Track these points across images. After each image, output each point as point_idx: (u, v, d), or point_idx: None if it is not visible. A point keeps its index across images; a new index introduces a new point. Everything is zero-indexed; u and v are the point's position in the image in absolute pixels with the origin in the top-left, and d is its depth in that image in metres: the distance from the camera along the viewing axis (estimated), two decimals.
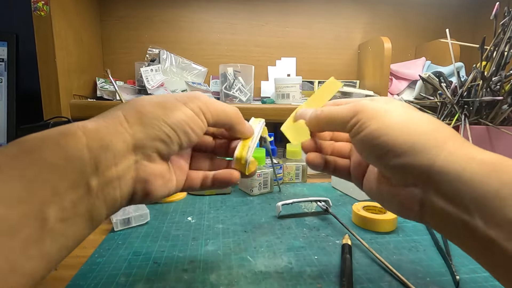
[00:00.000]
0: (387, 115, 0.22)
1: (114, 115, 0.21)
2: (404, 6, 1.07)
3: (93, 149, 0.18)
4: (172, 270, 0.33)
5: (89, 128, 0.19)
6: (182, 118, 0.22)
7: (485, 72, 0.56)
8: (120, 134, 0.20)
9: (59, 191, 0.16)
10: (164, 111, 0.22)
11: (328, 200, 0.49)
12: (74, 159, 0.17)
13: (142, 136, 0.20)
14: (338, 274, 0.32)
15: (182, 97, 0.23)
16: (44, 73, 0.70)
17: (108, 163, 0.19)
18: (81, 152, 0.18)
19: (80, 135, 0.18)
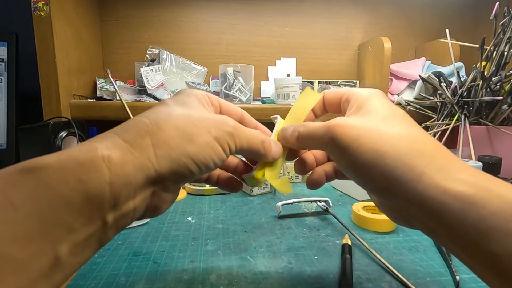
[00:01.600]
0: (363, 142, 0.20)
1: (143, 144, 0.19)
2: (404, 6, 1.07)
3: (115, 186, 0.17)
4: (172, 270, 0.33)
5: (115, 162, 0.17)
6: (209, 155, 0.21)
7: (485, 72, 0.56)
8: (147, 169, 0.18)
9: (74, 229, 0.16)
10: (192, 145, 0.20)
11: (328, 200, 0.49)
12: (94, 197, 0.16)
13: (167, 172, 0.19)
14: (338, 274, 0.32)
15: (210, 126, 0.22)
16: (44, 73, 0.70)
17: (127, 198, 0.18)
18: (102, 190, 0.17)
19: (104, 170, 0.17)
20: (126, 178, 0.18)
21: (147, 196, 0.20)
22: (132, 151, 0.18)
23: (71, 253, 0.16)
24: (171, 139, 0.20)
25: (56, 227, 0.15)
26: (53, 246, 0.15)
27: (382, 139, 0.20)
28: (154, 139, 0.19)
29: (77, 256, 0.17)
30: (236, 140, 0.23)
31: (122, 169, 0.17)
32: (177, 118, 0.21)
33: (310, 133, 0.24)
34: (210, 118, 0.22)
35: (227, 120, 0.23)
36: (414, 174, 0.19)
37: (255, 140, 0.25)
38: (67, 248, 0.16)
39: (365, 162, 0.20)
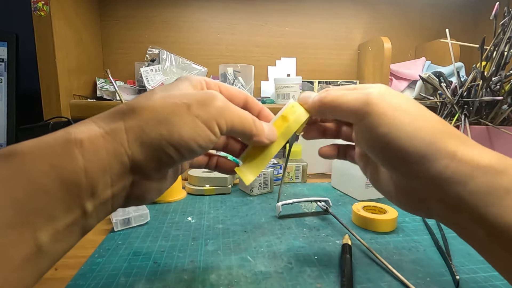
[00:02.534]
0: (399, 114, 0.20)
1: (115, 128, 0.18)
2: (404, 6, 1.07)
3: (91, 173, 0.17)
4: (172, 270, 0.33)
5: (87, 147, 0.17)
6: (189, 136, 0.19)
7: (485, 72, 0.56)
8: (120, 155, 0.18)
9: (53, 216, 0.16)
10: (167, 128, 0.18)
11: (328, 200, 0.49)
12: (69, 184, 0.16)
13: (142, 159, 0.18)
14: (338, 274, 0.32)
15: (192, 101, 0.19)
16: (44, 73, 0.70)
17: (105, 186, 0.18)
18: (77, 177, 0.16)
19: (77, 156, 0.16)
20: (101, 164, 0.17)
21: (126, 185, 0.19)
22: (105, 136, 0.18)
23: (54, 240, 0.16)
24: (144, 123, 0.18)
25: (34, 215, 0.15)
26: (33, 233, 0.15)
27: (419, 117, 0.20)
28: (127, 123, 0.18)
29: (60, 243, 0.17)
30: (227, 117, 0.20)
31: (96, 155, 0.17)
32: (156, 100, 0.19)
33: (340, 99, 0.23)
34: (193, 94, 0.20)
35: (213, 95, 0.20)
36: (448, 150, 0.19)
37: (247, 119, 0.22)
38: (48, 235, 0.16)
39: (402, 136, 0.20)
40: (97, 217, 0.19)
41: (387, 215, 0.43)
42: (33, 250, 0.15)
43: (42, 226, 0.16)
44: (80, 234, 0.18)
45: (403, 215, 0.47)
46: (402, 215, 0.47)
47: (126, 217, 0.42)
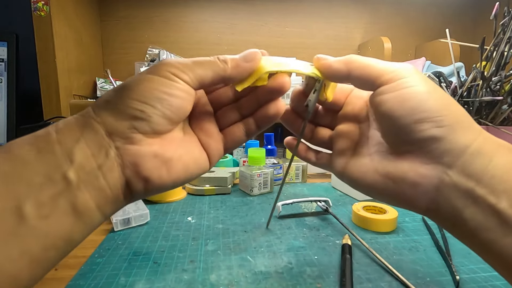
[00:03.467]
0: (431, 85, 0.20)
1: (84, 111, 0.20)
2: (404, 6, 1.07)
3: (64, 143, 0.18)
4: (172, 270, 0.33)
5: (60, 126, 0.19)
6: (150, 86, 0.20)
7: (485, 72, 0.56)
8: (89, 124, 0.19)
9: (33, 185, 0.17)
10: (128, 88, 0.20)
11: (328, 200, 0.49)
12: (44, 153, 0.18)
13: (112, 120, 0.19)
14: (338, 274, 0.32)
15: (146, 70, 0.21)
16: (44, 73, 0.70)
17: (84, 154, 0.18)
18: (51, 146, 0.18)
19: (51, 132, 0.19)
20: (72, 134, 0.19)
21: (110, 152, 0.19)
22: (75, 117, 0.20)
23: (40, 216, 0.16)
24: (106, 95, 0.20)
25: (15, 184, 0.16)
26: (16, 203, 0.16)
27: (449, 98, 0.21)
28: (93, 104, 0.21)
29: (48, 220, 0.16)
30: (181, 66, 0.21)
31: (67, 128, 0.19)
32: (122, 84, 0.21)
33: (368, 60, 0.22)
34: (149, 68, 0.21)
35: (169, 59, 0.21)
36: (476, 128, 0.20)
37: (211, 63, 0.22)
38: (32, 207, 0.16)
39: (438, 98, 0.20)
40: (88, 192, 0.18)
41: (387, 215, 0.43)
42: (17, 220, 0.16)
43: (24, 195, 0.16)
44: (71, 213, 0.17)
45: (403, 215, 0.47)
46: (402, 215, 0.47)
47: (126, 217, 0.42)
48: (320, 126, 0.29)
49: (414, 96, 0.20)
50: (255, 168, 0.58)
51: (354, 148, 0.25)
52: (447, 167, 0.19)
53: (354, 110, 0.26)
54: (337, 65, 0.23)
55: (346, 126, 0.26)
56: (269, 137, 0.72)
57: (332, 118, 0.28)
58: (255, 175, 0.56)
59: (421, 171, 0.20)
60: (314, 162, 0.28)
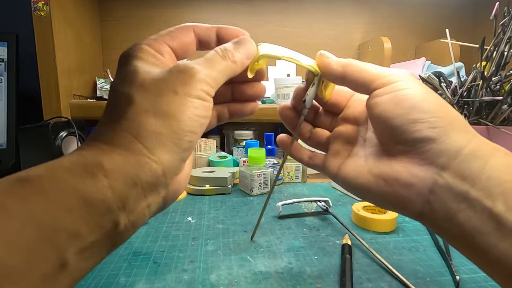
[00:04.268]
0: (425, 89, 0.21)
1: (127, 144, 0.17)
2: (404, 6, 1.07)
3: (118, 189, 0.16)
4: (172, 270, 0.33)
5: (108, 167, 0.17)
6: (195, 114, 0.19)
7: (485, 72, 0.56)
8: (146, 165, 0.17)
9: (78, 235, 0.15)
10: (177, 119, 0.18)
11: (328, 200, 0.49)
12: (95, 202, 0.16)
13: (168, 158, 0.18)
14: (338, 274, 0.32)
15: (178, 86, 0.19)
16: (44, 73, 0.70)
17: (137, 199, 0.17)
18: (103, 195, 0.16)
19: (99, 176, 0.16)
20: (127, 179, 0.17)
21: (161, 190, 0.19)
22: (121, 153, 0.17)
23: (80, 258, 0.16)
24: (150, 125, 0.18)
25: (57, 233, 0.15)
26: (57, 252, 0.15)
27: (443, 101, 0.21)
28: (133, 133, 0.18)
29: (87, 260, 0.16)
30: (209, 80, 0.20)
31: (119, 172, 0.17)
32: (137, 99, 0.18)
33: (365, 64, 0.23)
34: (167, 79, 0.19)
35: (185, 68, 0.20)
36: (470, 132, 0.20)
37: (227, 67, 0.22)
38: (74, 253, 0.15)
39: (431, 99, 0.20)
40: (132, 229, 0.18)
41: (387, 215, 0.43)
42: (56, 269, 0.15)
43: (66, 244, 0.15)
44: (110, 248, 0.17)
45: (403, 215, 0.47)
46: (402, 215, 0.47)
47: None
48: (319, 128, 0.29)
49: (408, 98, 0.20)
50: (255, 168, 0.58)
51: (350, 150, 0.25)
52: (441, 168, 0.19)
53: (354, 113, 0.26)
54: (335, 66, 0.24)
55: (345, 128, 0.26)
56: (269, 137, 0.72)
57: (331, 120, 0.28)
58: (255, 175, 0.56)
59: (414, 172, 0.20)
60: (307, 162, 0.28)
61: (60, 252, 0.15)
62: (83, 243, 0.15)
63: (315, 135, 0.28)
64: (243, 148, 0.83)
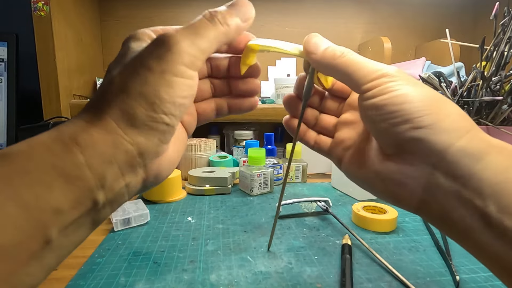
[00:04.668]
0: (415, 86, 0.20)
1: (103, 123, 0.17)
2: (404, 6, 1.07)
3: (95, 167, 0.16)
4: (172, 270, 0.33)
5: (84, 143, 0.16)
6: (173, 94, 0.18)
7: (485, 72, 0.56)
8: (120, 145, 0.17)
9: (60, 212, 0.15)
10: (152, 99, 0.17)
11: (328, 200, 0.49)
12: (75, 180, 0.16)
13: (143, 139, 0.18)
14: (338, 274, 0.32)
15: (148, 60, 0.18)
16: (44, 73, 0.70)
17: (115, 177, 0.17)
18: (81, 172, 0.16)
19: (76, 153, 0.16)
20: (103, 157, 0.17)
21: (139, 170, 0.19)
22: (97, 131, 0.17)
23: (63, 235, 0.16)
24: (124, 105, 0.17)
25: (41, 212, 0.15)
26: (42, 230, 0.15)
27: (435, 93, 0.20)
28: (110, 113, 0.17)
29: (69, 236, 0.16)
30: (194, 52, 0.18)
31: (94, 150, 0.17)
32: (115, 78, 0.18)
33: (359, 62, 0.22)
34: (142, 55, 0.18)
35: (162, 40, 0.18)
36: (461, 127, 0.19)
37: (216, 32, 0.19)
38: (57, 230, 0.16)
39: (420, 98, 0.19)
40: (110, 208, 0.18)
41: (387, 215, 0.43)
42: (41, 246, 0.15)
43: (50, 222, 0.15)
44: (91, 226, 0.18)
45: (403, 215, 0.47)
46: (402, 215, 0.47)
47: (126, 217, 0.42)
48: (326, 114, 0.28)
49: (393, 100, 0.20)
50: (255, 168, 0.58)
51: (354, 139, 0.25)
52: (433, 167, 0.19)
53: None
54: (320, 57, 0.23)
55: (351, 115, 0.26)
56: (269, 137, 0.72)
57: (338, 105, 0.28)
58: (255, 175, 0.56)
59: (407, 172, 0.20)
60: (312, 145, 0.28)
61: (45, 230, 0.15)
62: (65, 220, 0.16)
63: (322, 122, 0.28)
64: (243, 148, 0.83)
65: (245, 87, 0.25)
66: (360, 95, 0.21)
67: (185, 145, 0.24)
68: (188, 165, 0.67)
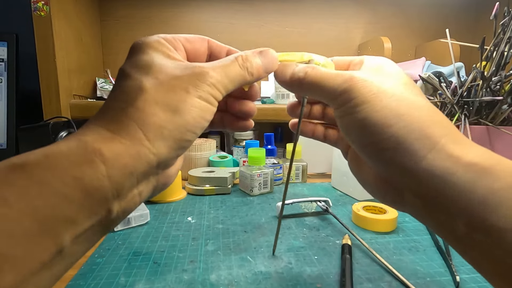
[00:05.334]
0: (382, 98, 0.19)
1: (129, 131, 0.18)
2: (404, 6, 1.07)
3: (115, 178, 0.17)
4: (172, 270, 0.33)
5: (108, 155, 0.17)
6: (200, 116, 0.19)
7: (485, 72, 0.56)
8: (145, 156, 0.18)
9: (75, 222, 0.16)
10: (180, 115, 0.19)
11: (328, 200, 0.49)
12: (93, 191, 0.16)
13: (166, 152, 0.18)
14: (338, 274, 0.32)
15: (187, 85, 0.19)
16: (44, 73, 0.70)
17: (131, 187, 0.18)
18: (101, 183, 0.16)
19: (98, 165, 0.16)
20: (125, 169, 0.17)
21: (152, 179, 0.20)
22: (122, 141, 0.17)
23: (75, 243, 0.16)
24: (156, 118, 0.18)
25: (55, 222, 0.15)
26: (54, 240, 0.15)
27: (403, 102, 0.19)
28: (139, 123, 0.18)
29: (80, 245, 0.17)
30: (219, 86, 0.20)
31: (118, 161, 0.17)
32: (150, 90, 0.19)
33: (322, 79, 0.22)
34: (181, 77, 0.19)
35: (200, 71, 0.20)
36: (428, 141, 0.18)
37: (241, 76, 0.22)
38: (70, 239, 0.16)
39: (379, 120, 0.19)
40: (123, 215, 0.19)
41: (387, 215, 0.43)
42: (53, 255, 0.15)
43: (63, 232, 0.15)
44: (102, 233, 0.18)
45: (403, 215, 0.47)
46: (402, 215, 0.47)
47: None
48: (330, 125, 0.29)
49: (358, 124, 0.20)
50: (255, 168, 0.58)
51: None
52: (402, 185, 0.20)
53: None
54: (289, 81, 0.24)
55: None
56: (269, 137, 0.72)
57: None
58: (255, 175, 0.56)
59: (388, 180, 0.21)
60: (323, 139, 0.29)
61: (58, 240, 0.15)
62: (78, 229, 0.16)
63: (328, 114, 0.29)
64: (243, 148, 0.83)
65: (240, 108, 0.26)
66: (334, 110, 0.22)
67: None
68: (188, 165, 0.67)
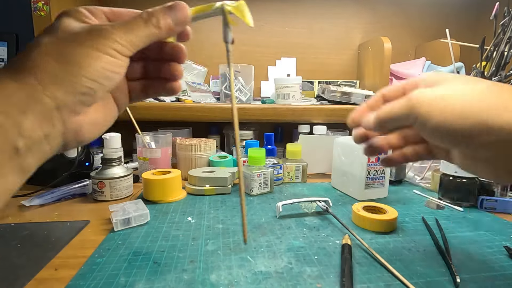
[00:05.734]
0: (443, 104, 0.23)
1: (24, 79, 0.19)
2: (404, 6, 1.07)
3: (11, 115, 0.18)
4: (172, 270, 0.33)
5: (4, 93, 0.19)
6: (100, 66, 0.21)
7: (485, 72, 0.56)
8: (38, 97, 0.19)
9: None
10: (77, 65, 0.20)
11: (328, 200, 0.49)
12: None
13: (61, 95, 0.20)
14: (338, 274, 0.32)
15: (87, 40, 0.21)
16: None
17: (32, 126, 0.19)
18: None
19: None
20: (20, 107, 0.19)
21: (57, 123, 0.20)
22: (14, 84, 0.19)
23: None
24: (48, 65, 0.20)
25: None
26: None
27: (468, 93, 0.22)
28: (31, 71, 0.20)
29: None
30: (123, 42, 0.21)
31: (9, 100, 0.18)
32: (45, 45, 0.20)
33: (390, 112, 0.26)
34: (80, 34, 0.21)
35: (101, 28, 0.21)
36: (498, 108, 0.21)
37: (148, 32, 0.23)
38: None
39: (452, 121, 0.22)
40: (32, 156, 0.20)
41: (387, 215, 0.43)
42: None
43: None
44: (16, 171, 0.19)
45: (403, 215, 0.47)
46: (402, 215, 0.47)
47: (126, 217, 0.42)
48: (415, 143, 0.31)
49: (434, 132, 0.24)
50: (255, 168, 0.59)
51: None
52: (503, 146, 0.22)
53: None
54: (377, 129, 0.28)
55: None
56: (269, 137, 0.72)
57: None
58: (255, 175, 0.56)
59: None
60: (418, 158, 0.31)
61: None
62: None
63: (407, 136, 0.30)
64: (243, 148, 0.83)
65: (169, 69, 0.28)
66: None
67: (114, 117, 0.27)
68: (188, 165, 0.67)
